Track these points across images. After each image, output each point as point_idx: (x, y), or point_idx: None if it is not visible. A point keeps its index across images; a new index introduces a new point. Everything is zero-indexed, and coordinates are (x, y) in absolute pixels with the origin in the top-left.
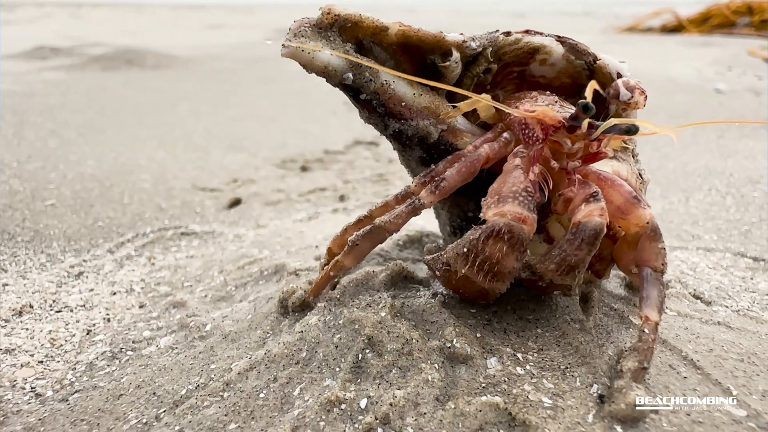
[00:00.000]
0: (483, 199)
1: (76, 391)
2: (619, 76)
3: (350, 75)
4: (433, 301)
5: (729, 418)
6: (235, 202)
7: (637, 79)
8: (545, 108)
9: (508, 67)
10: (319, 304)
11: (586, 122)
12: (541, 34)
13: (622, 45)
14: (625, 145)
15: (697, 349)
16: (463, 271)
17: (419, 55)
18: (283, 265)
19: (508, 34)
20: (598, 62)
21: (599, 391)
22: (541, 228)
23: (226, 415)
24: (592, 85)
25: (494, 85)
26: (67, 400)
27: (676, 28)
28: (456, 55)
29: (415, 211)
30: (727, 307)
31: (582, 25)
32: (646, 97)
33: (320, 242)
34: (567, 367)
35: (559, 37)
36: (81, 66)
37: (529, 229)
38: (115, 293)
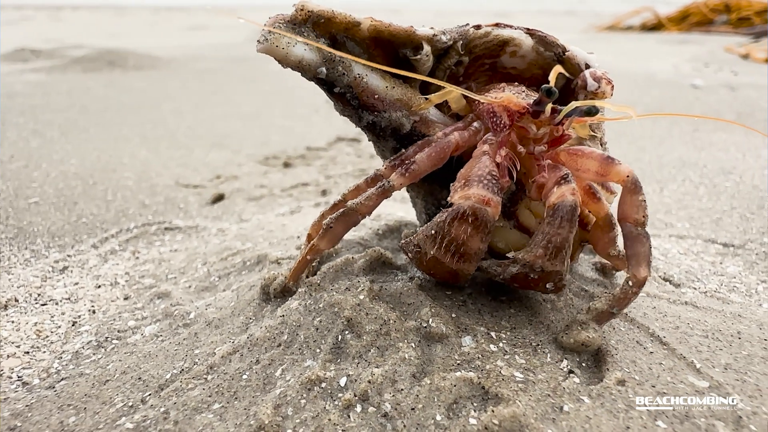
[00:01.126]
0: (451, 184)
1: (62, 379)
2: (587, 66)
3: (324, 69)
4: (410, 284)
5: (692, 389)
6: (218, 198)
7: (604, 70)
8: (510, 95)
9: (480, 60)
10: (300, 290)
11: (549, 107)
12: (510, 26)
13: (602, 43)
14: (593, 133)
15: (663, 326)
16: (432, 253)
17: (392, 49)
18: (265, 255)
19: (478, 27)
20: (566, 53)
21: (569, 366)
22: (511, 214)
23: (210, 396)
24: (556, 70)
25: (467, 77)
26: (53, 387)
27: (656, 26)
28: (427, 48)
29: (385, 193)
30: (695, 288)
31: (564, 24)
32: (613, 86)
33: (302, 233)
34: (538, 344)
35: (528, 29)
36: (62, 67)
37: (493, 211)
38: (99, 286)
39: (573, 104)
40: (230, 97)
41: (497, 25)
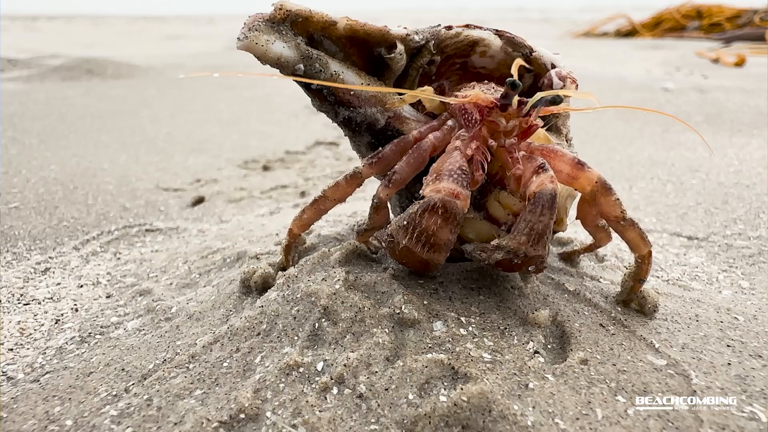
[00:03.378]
0: (424, 177)
1: (46, 372)
2: (554, 66)
3: (301, 66)
4: (384, 274)
5: (650, 367)
6: (199, 200)
7: (569, 70)
8: (478, 92)
9: (451, 59)
10: (278, 281)
11: (515, 99)
12: (480, 28)
13: (577, 49)
14: (559, 131)
15: (625, 311)
16: (404, 242)
17: (367, 47)
18: (245, 252)
19: (449, 28)
20: (534, 54)
21: (535, 347)
22: (481, 206)
23: (192, 383)
24: (517, 63)
25: (439, 76)
26: (38, 381)
27: (630, 32)
28: (400, 47)
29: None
30: (658, 277)
31: (540, 31)
32: (577, 86)
33: (280, 230)
34: (506, 328)
35: (497, 30)
36: (40, 76)
37: (462, 204)
38: (82, 286)
39: (539, 95)
40: (209, 104)
41: (467, 26)
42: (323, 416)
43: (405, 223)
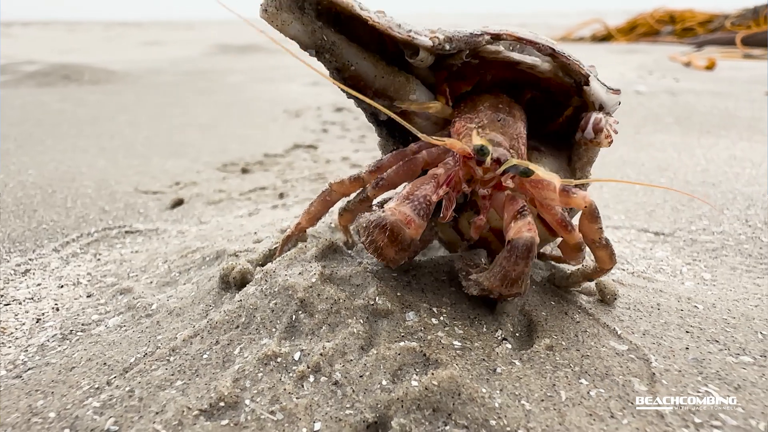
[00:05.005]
0: (397, 193)
1: (29, 369)
2: (602, 108)
3: (313, 52)
4: (359, 268)
5: (613, 352)
6: (178, 203)
7: (613, 120)
8: (454, 141)
9: (492, 61)
10: (256, 276)
11: (489, 158)
12: (533, 44)
13: None
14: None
15: (590, 300)
16: (361, 240)
17: (392, 39)
18: (224, 250)
19: (497, 37)
20: (585, 87)
21: (503, 335)
22: (453, 219)
23: (172, 375)
24: (475, 136)
25: (481, 67)
26: (21, 377)
27: (606, 37)
28: (423, 55)
29: (364, 201)
30: (623, 270)
31: None
32: (611, 141)
33: (259, 229)
34: (476, 317)
35: (553, 51)
36: (15, 82)
37: (411, 233)
38: (62, 286)
39: (511, 161)
40: (187, 109)
41: (519, 39)
42: (300, 403)
43: (364, 225)
